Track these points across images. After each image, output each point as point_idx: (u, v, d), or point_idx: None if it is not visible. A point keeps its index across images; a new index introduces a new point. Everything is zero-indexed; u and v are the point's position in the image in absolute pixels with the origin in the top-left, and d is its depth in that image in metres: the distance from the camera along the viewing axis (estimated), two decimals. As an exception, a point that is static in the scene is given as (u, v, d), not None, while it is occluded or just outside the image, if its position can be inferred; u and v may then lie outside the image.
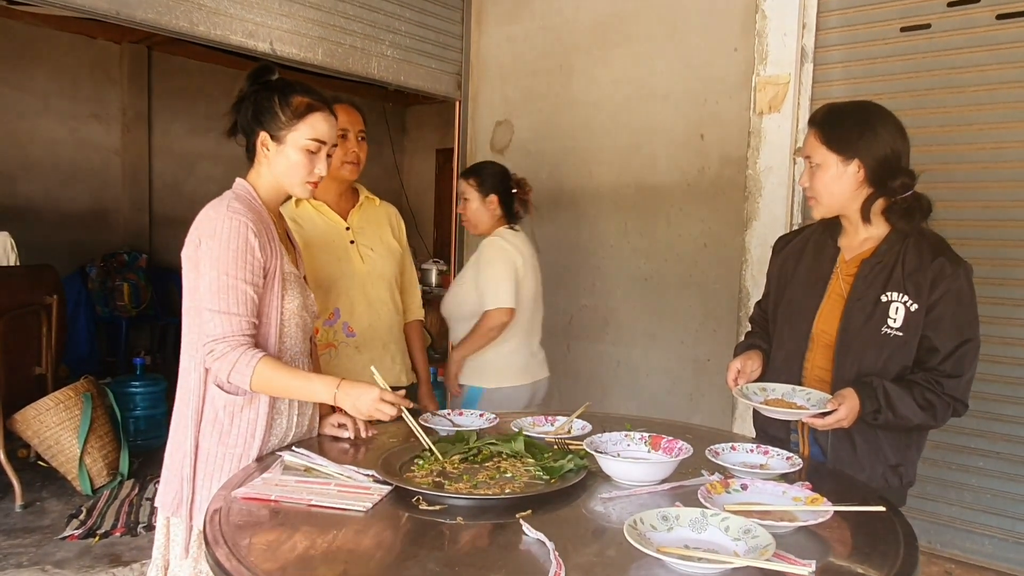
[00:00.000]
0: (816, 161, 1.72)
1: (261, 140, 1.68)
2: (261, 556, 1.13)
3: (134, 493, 3.55)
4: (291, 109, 1.66)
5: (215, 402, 1.61)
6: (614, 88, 3.69)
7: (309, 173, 1.68)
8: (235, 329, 1.55)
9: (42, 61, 5.75)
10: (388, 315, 2.33)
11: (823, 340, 1.76)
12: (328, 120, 1.69)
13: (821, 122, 1.74)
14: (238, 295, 1.55)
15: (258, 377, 1.54)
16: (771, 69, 3.12)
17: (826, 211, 1.76)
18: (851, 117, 1.71)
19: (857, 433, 1.69)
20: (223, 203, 1.61)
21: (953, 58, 2.76)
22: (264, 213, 1.67)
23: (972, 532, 2.77)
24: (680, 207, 3.49)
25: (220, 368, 1.55)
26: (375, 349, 2.31)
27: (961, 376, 1.65)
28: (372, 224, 2.35)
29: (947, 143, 2.79)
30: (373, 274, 2.30)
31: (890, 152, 1.68)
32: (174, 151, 6.65)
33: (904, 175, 1.69)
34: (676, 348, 3.53)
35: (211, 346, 1.54)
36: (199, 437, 1.61)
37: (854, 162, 1.68)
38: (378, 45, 3.67)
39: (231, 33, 3.09)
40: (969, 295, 1.66)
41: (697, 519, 1.18)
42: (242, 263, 1.55)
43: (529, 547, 1.16)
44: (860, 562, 1.15)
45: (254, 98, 1.69)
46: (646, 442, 1.60)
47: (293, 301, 1.68)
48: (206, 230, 1.59)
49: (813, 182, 1.74)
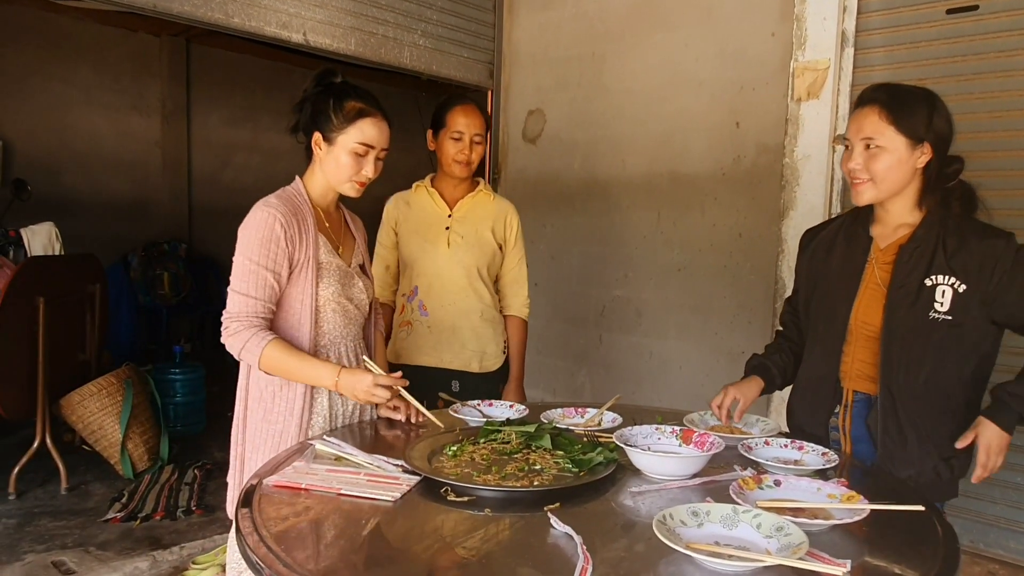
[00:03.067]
0: (880, 143, 1.61)
1: (315, 140, 1.77)
2: (290, 544, 1.14)
3: (174, 478, 3.64)
4: (343, 113, 1.73)
5: (259, 380, 1.74)
6: (647, 75, 3.64)
7: (356, 174, 1.76)
8: (251, 311, 1.66)
9: (84, 55, 5.87)
10: (465, 302, 2.39)
11: (865, 332, 1.70)
12: (378, 125, 1.75)
13: (888, 102, 1.61)
14: (258, 280, 1.66)
15: (266, 358, 1.63)
16: (810, 54, 3.04)
17: (879, 196, 1.66)
18: (919, 98, 1.62)
19: (909, 427, 1.64)
20: (263, 199, 1.73)
21: (1003, 40, 2.65)
22: (305, 208, 1.76)
23: (1018, 532, 2.69)
24: (715, 196, 3.44)
25: (232, 344, 1.66)
26: (444, 331, 2.38)
27: None
28: (476, 216, 2.42)
29: (995, 130, 2.68)
30: (454, 260, 2.37)
31: (951, 136, 1.64)
32: (212, 142, 6.77)
33: (956, 161, 1.65)
34: (710, 340, 3.48)
35: (226, 322, 1.67)
36: (247, 413, 1.77)
37: (923, 146, 1.61)
38: (410, 35, 3.67)
39: (265, 24, 3.12)
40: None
41: (728, 515, 1.16)
42: (265, 251, 1.66)
43: (557, 540, 1.15)
44: (897, 562, 1.11)
45: (314, 99, 1.77)
46: (677, 436, 1.58)
47: (328, 288, 1.76)
48: (245, 221, 1.70)
49: (872, 165, 1.62)
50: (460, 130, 2.32)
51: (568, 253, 4.03)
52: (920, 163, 1.62)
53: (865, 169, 1.63)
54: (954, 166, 1.65)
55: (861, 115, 1.65)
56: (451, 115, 2.33)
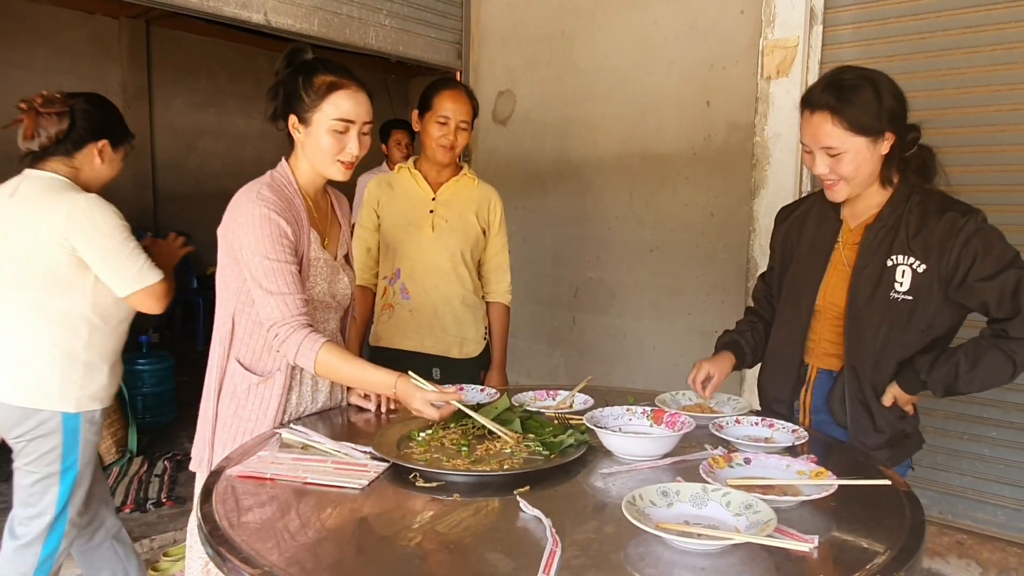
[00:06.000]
0: (842, 149, 1.57)
1: (291, 123, 1.67)
2: (254, 534, 1.11)
3: (143, 470, 3.58)
4: (314, 89, 1.62)
5: (235, 376, 1.68)
6: (618, 54, 3.61)
7: (339, 153, 1.64)
8: (291, 310, 1.58)
9: (41, 38, 5.69)
10: (447, 286, 2.36)
11: (831, 312, 1.72)
12: (353, 97, 1.64)
13: (837, 106, 1.55)
14: (285, 275, 1.58)
15: (321, 363, 1.57)
16: (779, 32, 3.03)
17: (856, 191, 1.64)
18: (864, 90, 1.57)
19: (872, 400, 1.66)
20: (254, 190, 1.62)
21: (969, 17, 2.66)
22: (296, 199, 1.67)
23: (984, 502, 2.74)
24: (686, 176, 3.43)
25: (287, 352, 1.58)
26: (425, 315, 2.36)
27: (1020, 313, 1.51)
28: (459, 200, 2.39)
29: (962, 106, 2.70)
30: (438, 243, 2.34)
31: (903, 111, 1.61)
32: (176, 127, 6.62)
33: (912, 129, 1.63)
34: (683, 319, 3.49)
35: (275, 331, 1.58)
36: (219, 407, 1.70)
37: (885, 135, 1.59)
38: (375, 14, 3.60)
39: (224, 5, 3.03)
40: (992, 234, 1.56)
41: (698, 494, 1.15)
42: (279, 247, 1.58)
43: (526, 524, 1.14)
44: (864, 536, 1.12)
45: (285, 81, 1.67)
46: (648, 416, 1.57)
47: (316, 287, 1.71)
48: (241, 217, 1.60)
49: (839, 168, 1.59)
50: (446, 115, 2.28)
51: (541, 235, 4.01)
52: (885, 149, 1.61)
53: (833, 172, 1.61)
54: (912, 135, 1.62)
55: (813, 123, 1.59)
56: (438, 99, 2.29)
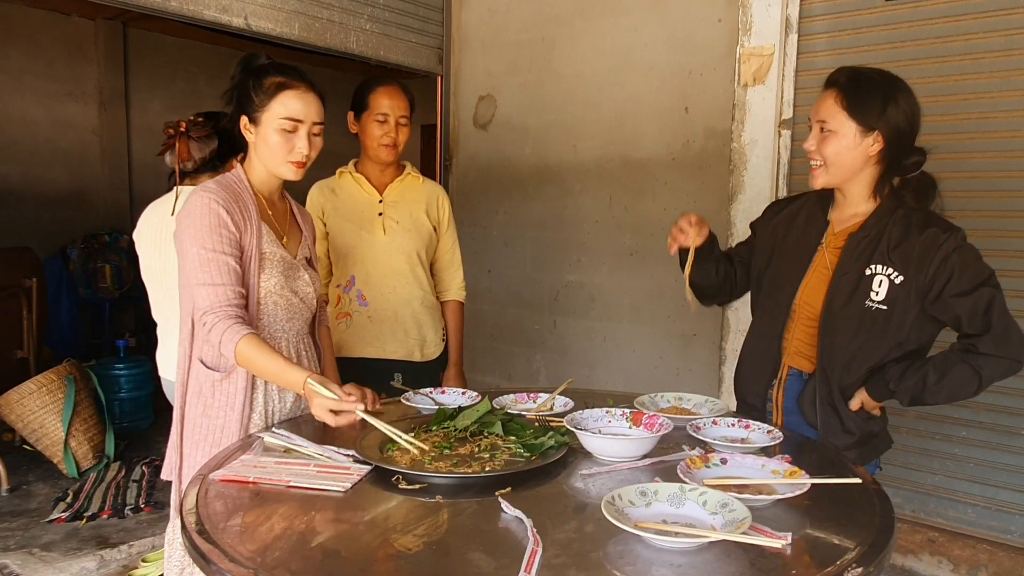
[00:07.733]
0: (832, 127, 1.63)
1: (243, 125, 1.69)
2: (237, 538, 1.12)
3: (120, 475, 3.54)
4: (263, 90, 1.65)
5: (199, 375, 1.68)
6: (598, 60, 3.64)
7: (289, 152, 1.66)
8: (221, 299, 1.58)
9: (15, 39, 5.62)
10: (405, 288, 2.35)
11: (806, 313, 1.75)
12: (302, 97, 1.66)
13: (846, 86, 1.62)
14: (220, 265, 1.59)
15: (240, 354, 1.57)
16: (755, 40, 3.08)
17: (831, 181, 1.68)
18: (878, 86, 1.62)
19: (840, 403, 1.70)
20: (203, 184, 1.67)
21: (939, 27, 2.73)
22: (246, 195, 1.69)
23: (955, 501, 2.81)
24: (665, 181, 3.47)
25: (213, 340, 1.58)
26: (386, 320, 2.34)
27: (990, 331, 1.56)
28: (407, 200, 2.37)
29: (932, 114, 2.73)
30: (392, 246, 2.32)
31: (909, 129, 1.64)
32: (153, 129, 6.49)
33: (917, 153, 1.66)
34: (662, 323, 3.53)
35: (203, 319, 1.59)
36: (185, 408, 1.70)
37: (874, 134, 1.62)
38: (356, 19, 3.60)
39: (204, 8, 3.01)
40: (970, 253, 1.61)
41: (675, 494, 1.18)
42: (217, 236, 1.60)
43: (508, 524, 1.15)
44: (836, 533, 1.15)
45: (238, 84, 1.70)
46: (627, 418, 1.59)
47: (270, 280, 1.70)
48: (185, 208, 1.63)
49: (824, 148, 1.64)
50: (385, 112, 2.25)
51: (521, 239, 4.04)
52: (872, 151, 1.64)
53: (818, 152, 1.66)
54: (914, 158, 1.65)
55: (821, 97, 1.67)
56: (374, 96, 2.26)
